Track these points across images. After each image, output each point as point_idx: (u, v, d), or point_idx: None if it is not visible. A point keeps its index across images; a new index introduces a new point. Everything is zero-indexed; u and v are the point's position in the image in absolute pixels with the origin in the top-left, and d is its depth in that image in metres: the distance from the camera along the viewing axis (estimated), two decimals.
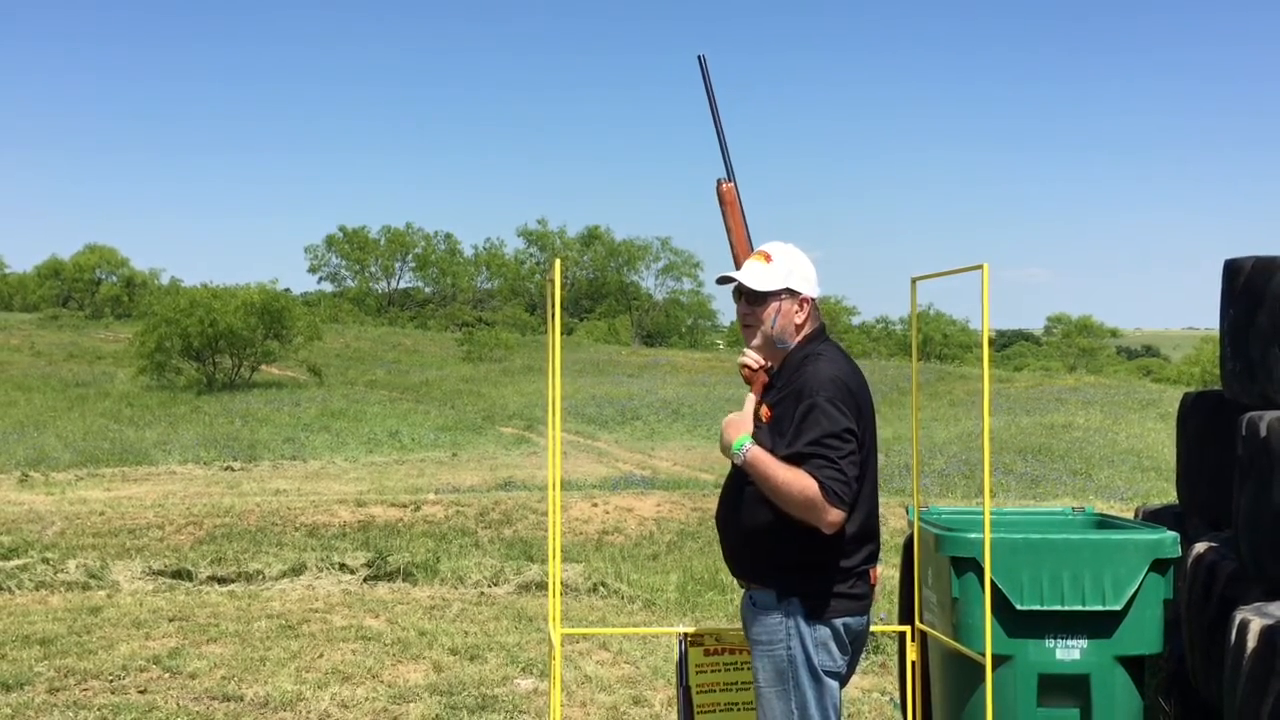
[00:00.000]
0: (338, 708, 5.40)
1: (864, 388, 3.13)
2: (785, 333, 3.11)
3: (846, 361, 3.13)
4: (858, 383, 3.10)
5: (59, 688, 5.70)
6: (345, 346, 49.42)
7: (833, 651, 3.05)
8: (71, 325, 54.74)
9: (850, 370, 3.10)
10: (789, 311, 3.09)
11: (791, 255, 3.13)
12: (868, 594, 3.14)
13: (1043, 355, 69.89)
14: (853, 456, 2.93)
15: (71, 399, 33.71)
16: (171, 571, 9.33)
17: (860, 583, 3.09)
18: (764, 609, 3.07)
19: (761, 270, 3.11)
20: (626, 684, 5.88)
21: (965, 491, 17.65)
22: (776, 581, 3.05)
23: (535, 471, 20.94)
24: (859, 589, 3.09)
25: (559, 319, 3.60)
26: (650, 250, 78.20)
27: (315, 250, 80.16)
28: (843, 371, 3.05)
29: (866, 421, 3.07)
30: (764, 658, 3.06)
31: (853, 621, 3.08)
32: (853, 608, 3.06)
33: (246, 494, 17.51)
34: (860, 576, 3.09)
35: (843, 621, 3.05)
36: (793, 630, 3.02)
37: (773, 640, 3.04)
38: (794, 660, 3.02)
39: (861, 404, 3.06)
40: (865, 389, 3.13)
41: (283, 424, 29.60)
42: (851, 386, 3.04)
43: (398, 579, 9.15)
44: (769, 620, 3.05)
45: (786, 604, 3.03)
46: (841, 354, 3.16)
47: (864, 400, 3.09)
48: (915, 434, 4.10)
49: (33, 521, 12.88)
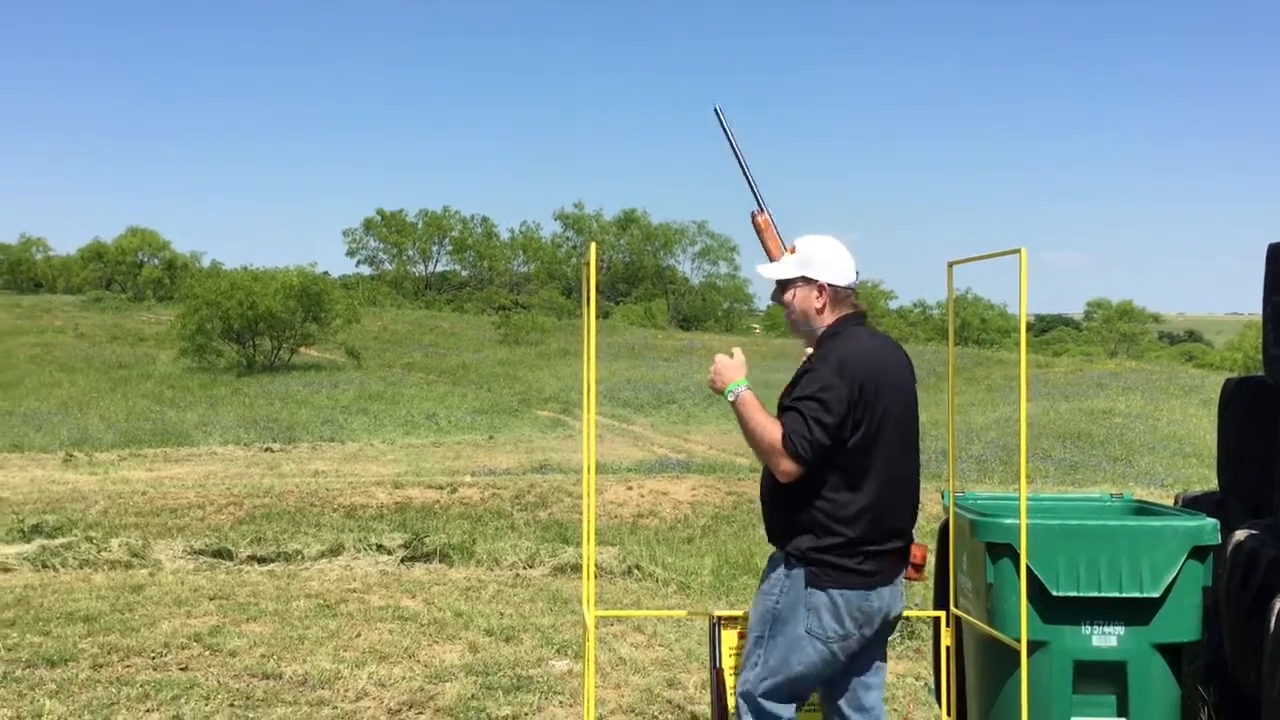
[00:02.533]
0: (375, 686, 5.46)
1: (887, 369, 3.23)
2: (806, 316, 3.28)
3: (871, 341, 3.26)
4: (875, 362, 3.20)
5: (102, 664, 5.80)
6: (383, 329, 49.74)
7: (824, 620, 3.17)
8: (114, 307, 55.47)
9: (871, 350, 3.22)
10: (806, 297, 3.26)
11: (813, 245, 3.28)
12: (881, 572, 3.20)
13: (1083, 340, 69.18)
14: (825, 419, 3.06)
15: (114, 380, 34.18)
16: (212, 551, 9.46)
17: (871, 560, 3.17)
18: (773, 565, 3.32)
19: (782, 262, 3.34)
20: (660, 666, 5.90)
21: (1003, 477, 17.54)
22: (785, 543, 3.24)
23: (571, 454, 21.01)
24: (868, 566, 3.17)
25: (595, 303, 3.61)
26: (687, 234, 78.12)
27: (353, 233, 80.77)
28: (857, 350, 3.17)
29: (879, 399, 3.16)
30: (758, 604, 3.32)
31: (854, 595, 3.16)
32: (854, 581, 3.15)
33: (286, 475, 17.70)
34: (872, 555, 3.17)
35: (841, 593, 3.15)
36: (788, 588, 3.22)
37: (769, 591, 3.28)
38: (779, 615, 3.22)
39: (878, 383, 3.17)
40: (891, 371, 3.24)
41: (321, 406, 29.87)
42: (862, 363, 3.15)
43: (434, 560, 9.22)
44: (773, 575, 3.30)
45: (792, 565, 3.22)
46: (869, 336, 3.28)
47: (884, 380, 3.19)
48: (951, 419, 4.08)
49: (77, 501, 13.09)
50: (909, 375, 3.35)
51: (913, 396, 3.33)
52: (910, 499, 3.33)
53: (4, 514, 12.11)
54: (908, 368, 3.35)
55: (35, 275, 71.20)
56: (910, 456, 3.32)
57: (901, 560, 3.30)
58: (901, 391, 3.27)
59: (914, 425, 3.33)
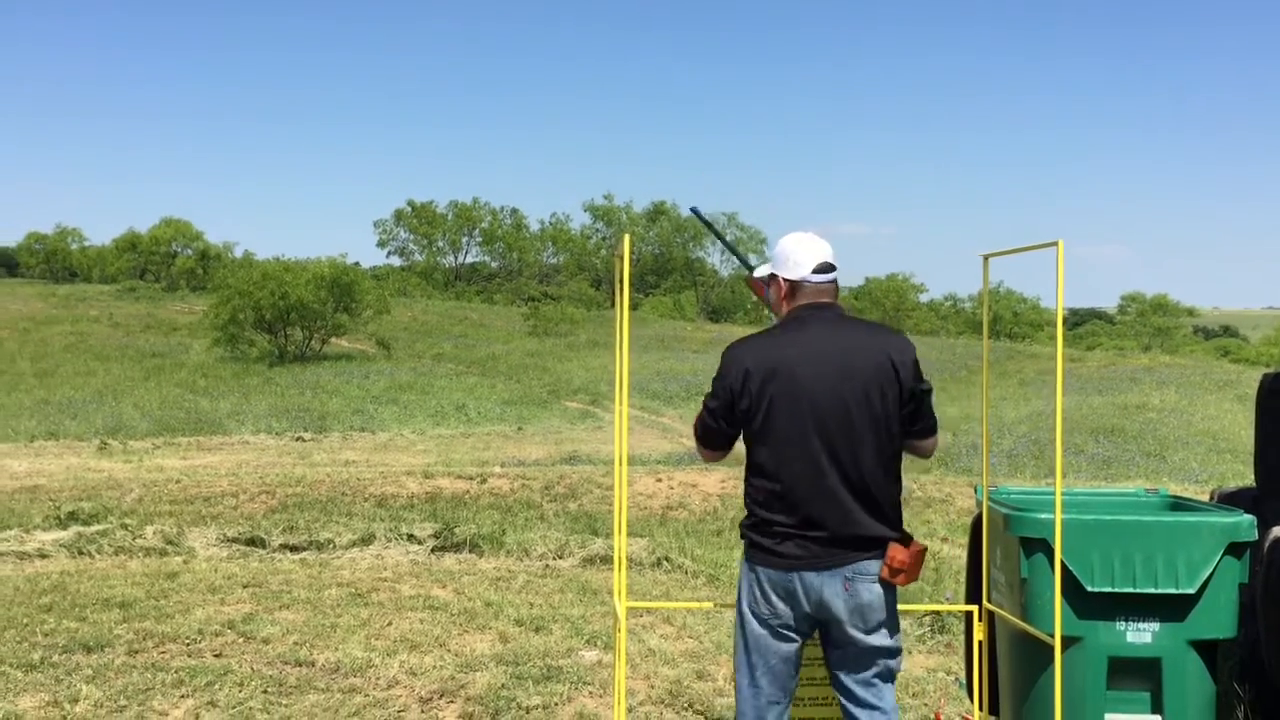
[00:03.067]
0: (406, 675, 5.50)
1: (800, 358, 3.24)
2: (776, 308, 3.47)
3: (798, 331, 3.31)
4: (779, 351, 3.27)
5: (138, 650, 5.87)
6: (413, 320, 49.94)
7: (755, 596, 3.30)
8: (148, 297, 55.95)
9: (783, 339, 3.30)
10: (775, 291, 3.44)
11: (781, 244, 3.44)
12: (804, 558, 3.22)
13: (1116, 334, 68.50)
14: (710, 404, 3.33)
15: (148, 369, 34.50)
16: (245, 539, 9.54)
17: (789, 544, 3.23)
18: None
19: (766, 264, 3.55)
20: (690, 658, 5.90)
21: (1034, 472, 17.42)
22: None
23: (600, 446, 21.04)
24: (784, 548, 3.24)
25: (627, 295, 3.61)
26: (717, 225, 77.81)
27: (384, 224, 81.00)
28: (764, 340, 3.32)
29: (770, 387, 3.23)
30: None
31: (774, 574, 3.26)
32: (774, 562, 3.26)
33: (317, 464, 17.83)
34: (790, 539, 3.23)
35: (764, 571, 3.28)
36: (740, 566, 3.42)
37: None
38: (738, 594, 3.40)
39: (775, 371, 3.23)
40: (810, 361, 3.23)
41: (352, 396, 30.04)
42: (756, 352, 3.29)
43: (464, 550, 9.26)
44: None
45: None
46: (808, 324, 3.31)
47: (789, 369, 3.23)
48: (985, 413, 4.06)
49: (112, 488, 13.23)
50: (855, 364, 3.22)
51: (852, 387, 3.21)
52: (830, 491, 3.20)
53: (41, 501, 12.26)
54: (858, 356, 3.23)
55: (71, 265, 71.86)
56: (840, 447, 3.20)
57: (841, 552, 3.21)
58: (825, 380, 3.20)
59: (847, 415, 3.20)
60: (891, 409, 3.25)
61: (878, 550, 3.23)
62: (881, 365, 3.24)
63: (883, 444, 3.25)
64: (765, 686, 3.33)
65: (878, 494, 3.24)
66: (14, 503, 12.43)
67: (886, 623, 3.28)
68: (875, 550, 3.23)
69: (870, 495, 3.23)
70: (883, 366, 3.24)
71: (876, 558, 3.23)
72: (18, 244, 76.30)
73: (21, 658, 5.63)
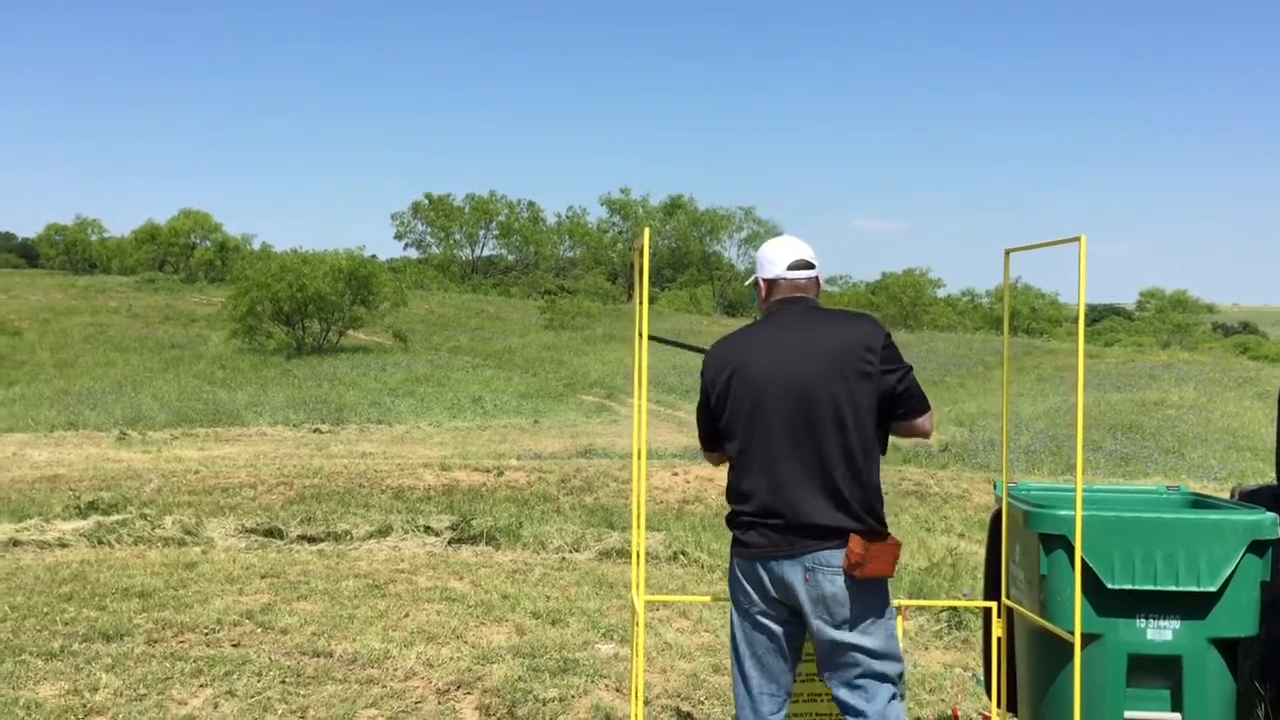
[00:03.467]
0: (423, 666, 5.51)
1: (761, 352, 3.30)
2: (761, 308, 3.52)
3: (764, 325, 3.38)
4: (742, 346, 3.36)
5: (157, 639, 5.90)
6: (430, 313, 50.07)
7: (735, 586, 3.37)
8: (167, 288, 56.29)
9: (748, 333, 3.40)
10: (759, 294, 3.52)
11: (761, 250, 3.55)
12: (765, 547, 3.26)
13: (1135, 331, 68.18)
14: (699, 405, 3.48)
15: (167, 360, 34.69)
16: (263, 530, 9.57)
17: (753, 532, 3.28)
18: None
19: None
20: (706, 652, 5.90)
21: (1052, 468, 17.35)
22: None
23: (616, 439, 21.05)
24: (749, 537, 3.30)
25: (646, 288, 3.61)
26: (733, 220, 77.87)
27: (401, 217, 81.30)
28: (735, 337, 3.43)
29: (736, 380, 3.30)
30: None
31: (743, 564, 3.33)
32: (739, 550, 3.35)
33: (334, 456, 17.90)
34: (753, 528, 3.28)
35: (737, 561, 3.36)
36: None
37: None
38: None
39: (738, 365, 3.32)
40: (774, 353, 3.28)
41: (369, 388, 30.14)
42: (724, 348, 3.40)
43: (481, 542, 9.28)
44: None
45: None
46: (765, 320, 3.40)
47: (752, 361, 3.29)
48: (1005, 409, 4.04)
49: (131, 479, 13.30)
50: (817, 354, 3.22)
51: (813, 376, 3.20)
52: (787, 480, 3.21)
53: (61, 491, 12.34)
54: (822, 345, 3.23)
55: (90, 256, 72.32)
56: (800, 436, 3.20)
57: (800, 541, 3.19)
58: (785, 370, 3.22)
59: (807, 404, 3.19)
60: (860, 398, 3.20)
61: (839, 541, 3.18)
62: (846, 352, 3.21)
63: (847, 433, 3.20)
64: (755, 675, 3.34)
65: (840, 483, 3.19)
66: (35, 492, 12.52)
67: (859, 618, 3.20)
68: (836, 540, 3.18)
69: (831, 484, 3.19)
70: (848, 353, 3.21)
71: (838, 548, 3.18)
72: (38, 235, 76.93)
73: (42, 646, 5.67)
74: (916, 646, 6.22)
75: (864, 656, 3.22)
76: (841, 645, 3.21)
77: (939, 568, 8.46)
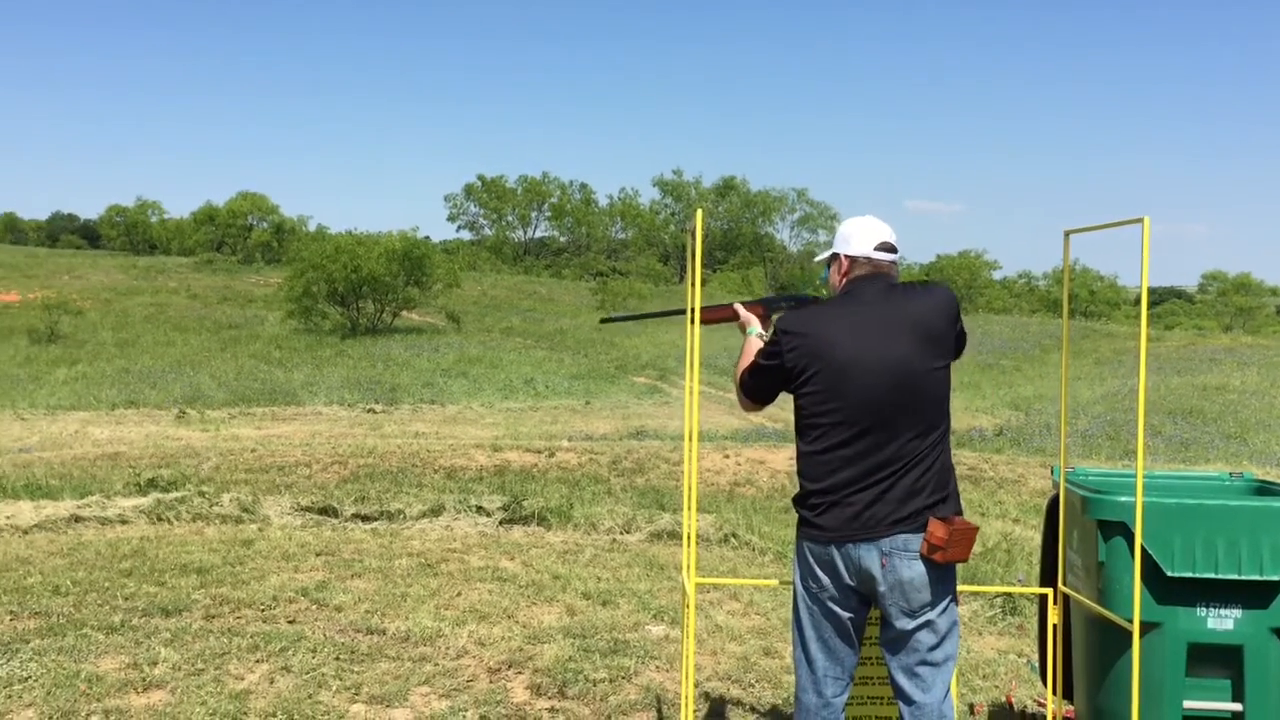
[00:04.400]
0: (475, 645, 5.55)
1: (849, 327, 3.25)
2: (833, 285, 3.48)
3: (845, 302, 3.33)
4: (829, 319, 3.30)
5: (214, 615, 5.99)
6: (482, 294, 50.32)
7: (800, 569, 3.32)
8: (225, 269, 57.03)
9: (833, 308, 3.34)
10: (834, 269, 3.47)
11: (844, 226, 3.49)
12: (831, 528, 3.21)
13: (1196, 314, 66.96)
14: (763, 363, 3.38)
15: (224, 340, 35.18)
16: (318, 508, 9.69)
17: (824, 515, 3.22)
18: None
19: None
20: (757, 635, 5.89)
21: (1109, 453, 17.10)
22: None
23: (667, 421, 21.05)
24: (822, 520, 3.23)
25: (699, 269, 3.59)
26: (786, 201, 77.45)
27: (454, 199, 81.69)
28: (814, 311, 3.40)
29: (825, 354, 3.24)
30: None
31: (814, 547, 3.26)
32: (810, 533, 3.27)
33: (388, 436, 18.06)
34: (825, 509, 3.22)
35: (807, 545, 3.29)
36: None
37: None
38: (794, 568, 3.40)
39: (828, 339, 3.25)
40: (859, 328, 3.23)
41: (422, 369, 30.37)
42: (807, 320, 3.33)
43: (532, 523, 9.32)
44: None
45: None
46: (860, 294, 3.31)
47: (841, 337, 3.23)
48: (1064, 393, 3.97)
49: (190, 456, 13.51)
50: (897, 332, 3.20)
51: (893, 355, 3.18)
52: (863, 462, 3.18)
53: (122, 468, 12.57)
54: (902, 323, 3.21)
55: (150, 237, 73.39)
56: (877, 417, 3.17)
57: (875, 524, 3.16)
58: (866, 350, 3.19)
59: (885, 384, 3.16)
60: (940, 375, 3.21)
61: (916, 524, 3.15)
62: (928, 327, 3.22)
63: (927, 415, 3.19)
64: (821, 658, 3.32)
65: (916, 465, 3.17)
66: (96, 469, 12.75)
67: (931, 605, 3.18)
68: (913, 524, 3.15)
69: (907, 466, 3.17)
70: (930, 329, 3.22)
71: (915, 532, 3.15)
72: (100, 217, 78.19)
73: (103, 620, 5.78)
74: (970, 632, 6.17)
75: (928, 644, 3.21)
76: (910, 631, 3.20)
77: (993, 553, 8.37)
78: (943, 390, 3.23)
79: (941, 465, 3.22)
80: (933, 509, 3.17)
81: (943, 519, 3.15)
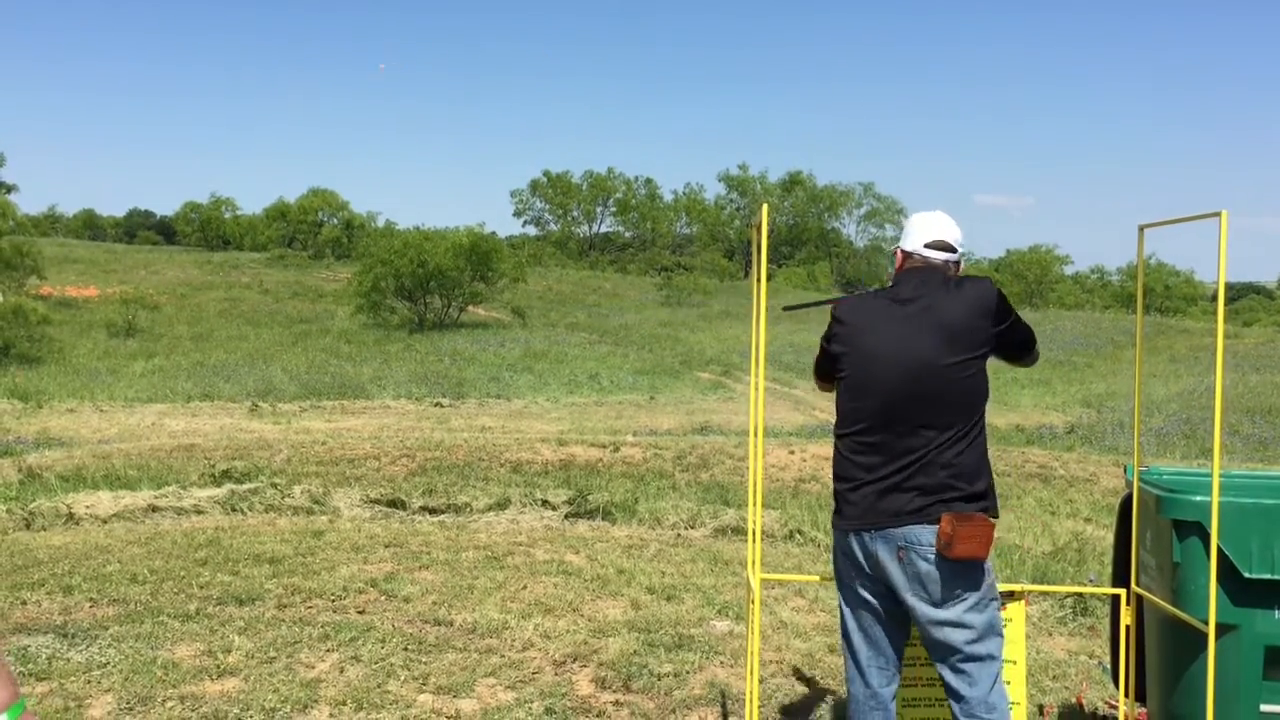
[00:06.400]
0: (540, 638, 5.59)
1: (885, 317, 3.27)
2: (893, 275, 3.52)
3: (888, 292, 3.36)
4: (870, 308, 3.34)
5: (286, 604, 6.10)
6: (547, 289, 50.55)
7: (837, 559, 3.37)
8: (296, 265, 57.86)
9: (876, 297, 3.37)
10: (896, 263, 3.51)
11: (909, 220, 3.52)
12: (849, 517, 3.25)
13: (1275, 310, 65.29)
14: (824, 347, 3.44)
15: (295, 334, 35.73)
16: (387, 500, 9.80)
17: (844, 505, 3.28)
18: None
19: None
20: (822, 631, 5.86)
21: (1185, 452, 16.76)
22: None
23: (732, 417, 21.00)
24: (842, 509, 3.30)
25: (764, 265, 3.58)
26: (853, 196, 76.89)
27: (520, 194, 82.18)
28: (863, 298, 3.43)
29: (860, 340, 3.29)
30: None
31: (838, 536, 3.33)
32: (837, 522, 3.33)
33: (455, 430, 18.23)
34: (846, 498, 3.27)
35: (836, 535, 3.35)
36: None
37: None
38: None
39: (865, 326, 3.30)
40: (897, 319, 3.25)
41: (488, 363, 30.60)
42: (852, 307, 3.39)
43: (597, 517, 9.35)
44: None
45: None
46: (892, 288, 3.35)
47: (877, 325, 3.27)
48: (1137, 390, 3.90)
49: (262, 449, 13.76)
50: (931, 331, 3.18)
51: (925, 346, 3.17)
52: (883, 451, 3.19)
53: (197, 459, 12.84)
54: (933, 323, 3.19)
55: (224, 233, 74.69)
56: (902, 409, 3.17)
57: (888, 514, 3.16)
58: (900, 339, 3.21)
59: (915, 375, 3.16)
60: (969, 371, 3.17)
61: (929, 518, 3.13)
62: (960, 323, 3.20)
63: (951, 411, 3.16)
64: (862, 647, 3.35)
65: (934, 459, 3.15)
66: (172, 460, 13.04)
67: (957, 597, 3.15)
68: (926, 518, 3.14)
69: (924, 460, 3.15)
70: (961, 324, 3.20)
71: (929, 525, 3.13)
72: (175, 213, 79.71)
73: (179, 608, 5.91)
74: (1040, 632, 6.08)
75: (963, 638, 3.17)
76: (939, 624, 3.18)
77: (1063, 552, 8.25)
78: (968, 386, 3.18)
79: (967, 462, 3.17)
80: (949, 504, 3.13)
81: (957, 514, 3.12)
